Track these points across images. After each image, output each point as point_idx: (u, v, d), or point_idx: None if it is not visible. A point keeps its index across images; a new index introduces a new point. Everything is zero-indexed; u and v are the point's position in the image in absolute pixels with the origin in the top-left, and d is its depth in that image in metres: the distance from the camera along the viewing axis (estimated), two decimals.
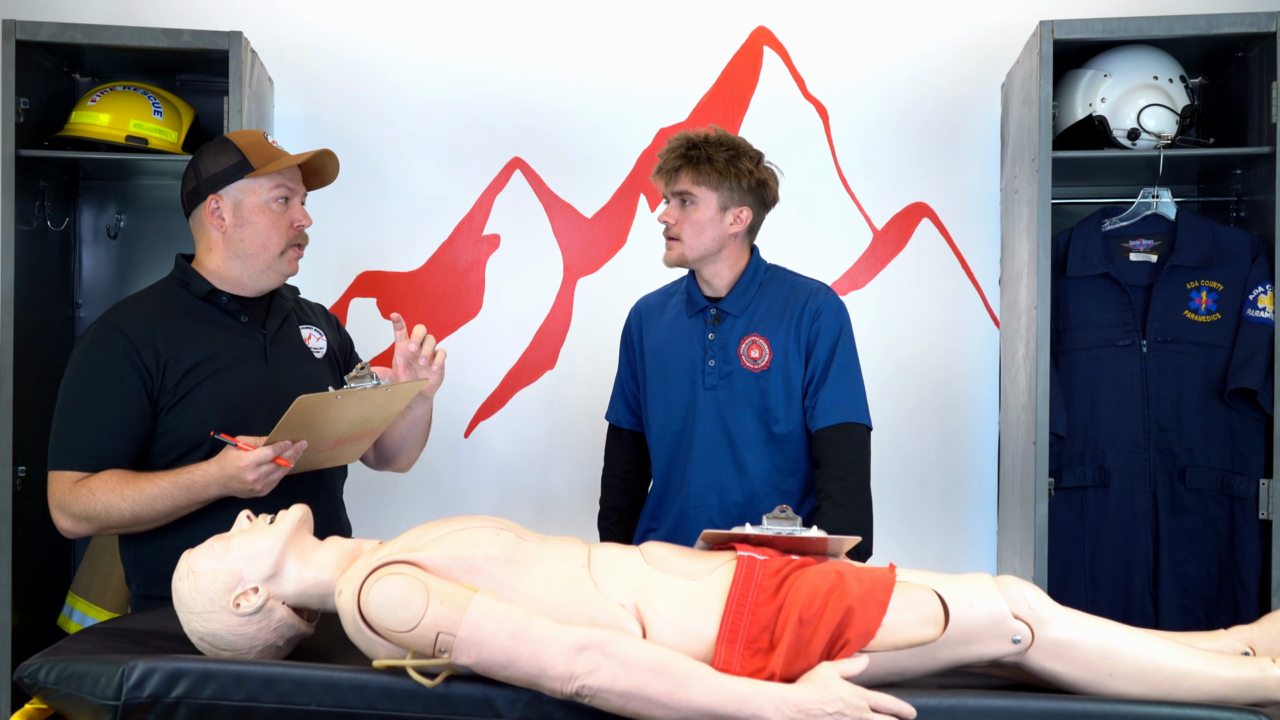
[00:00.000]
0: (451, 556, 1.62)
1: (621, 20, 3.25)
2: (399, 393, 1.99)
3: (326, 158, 2.15)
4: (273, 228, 2.08)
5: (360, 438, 2.06)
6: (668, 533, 2.34)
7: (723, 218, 2.29)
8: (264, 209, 2.07)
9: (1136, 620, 2.26)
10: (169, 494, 1.91)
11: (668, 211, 2.31)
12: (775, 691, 1.49)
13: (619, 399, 2.51)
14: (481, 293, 3.28)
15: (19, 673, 1.61)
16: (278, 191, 2.08)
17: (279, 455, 1.87)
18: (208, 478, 1.90)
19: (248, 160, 2.07)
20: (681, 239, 2.29)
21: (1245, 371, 2.67)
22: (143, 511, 1.92)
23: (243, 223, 2.07)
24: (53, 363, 2.93)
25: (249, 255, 2.09)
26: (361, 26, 3.25)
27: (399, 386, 1.98)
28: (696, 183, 2.27)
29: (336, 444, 2.01)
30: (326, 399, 1.86)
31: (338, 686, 1.54)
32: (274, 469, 1.88)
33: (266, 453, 1.86)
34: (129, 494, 1.92)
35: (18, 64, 2.73)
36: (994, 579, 1.64)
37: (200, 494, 1.91)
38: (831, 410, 2.27)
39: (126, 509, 1.92)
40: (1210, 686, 1.57)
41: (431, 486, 3.20)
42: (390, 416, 2.07)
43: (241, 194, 2.07)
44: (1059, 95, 2.83)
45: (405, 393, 2.01)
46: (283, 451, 1.87)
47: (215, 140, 2.13)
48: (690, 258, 2.31)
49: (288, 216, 2.10)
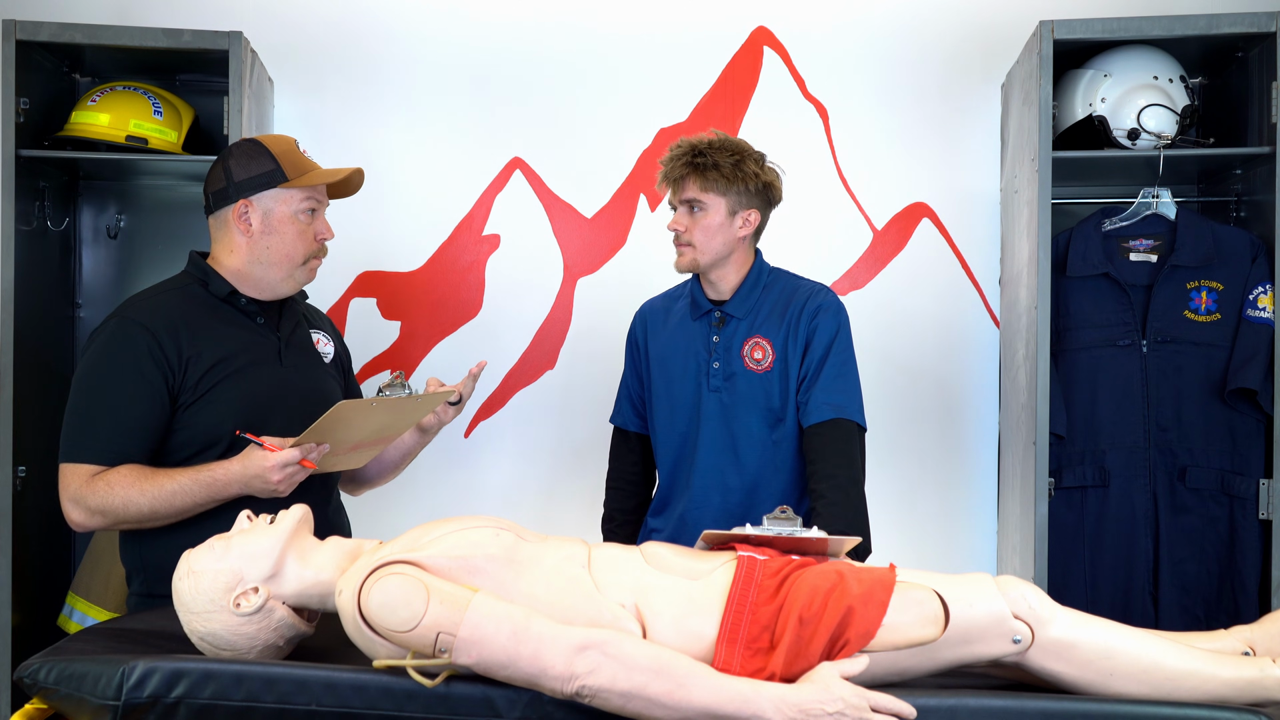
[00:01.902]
0: (452, 556, 1.62)
1: (621, 20, 3.25)
2: (427, 402, 2.05)
3: (356, 173, 2.17)
4: (299, 238, 2.10)
5: (375, 444, 2.09)
6: (671, 533, 2.35)
7: (732, 222, 2.30)
8: (293, 219, 2.09)
9: (1136, 620, 2.26)
10: (189, 490, 1.92)
11: (677, 219, 2.31)
12: (775, 691, 1.49)
13: (624, 401, 2.51)
14: (481, 293, 3.28)
15: (19, 673, 1.61)
16: (308, 204, 2.10)
17: (305, 457, 1.89)
18: (229, 475, 1.91)
19: (282, 169, 2.07)
20: (694, 245, 2.30)
21: (1245, 371, 2.67)
22: (161, 507, 1.93)
23: (270, 230, 2.08)
24: (53, 363, 2.94)
25: (272, 263, 2.10)
26: (361, 26, 3.25)
27: (429, 397, 2.04)
28: (705, 189, 2.27)
29: (352, 449, 2.03)
30: (363, 405, 1.91)
31: (338, 686, 1.54)
32: (299, 470, 1.90)
33: (294, 454, 1.88)
34: (148, 489, 1.92)
35: (18, 64, 2.73)
36: (994, 579, 1.64)
37: (221, 491, 1.92)
38: (823, 406, 2.27)
39: (145, 504, 1.92)
40: (1210, 686, 1.58)
41: (431, 487, 3.20)
42: (407, 426, 2.12)
43: (273, 203, 2.08)
44: (1059, 95, 2.83)
45: (431, 403, 2.07)
46: (309, 454, 1.89)
47: (246, 142, 2.12)
48: (703, 263, 2.32)
49: (313, 228, 2.12)
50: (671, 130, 3.23)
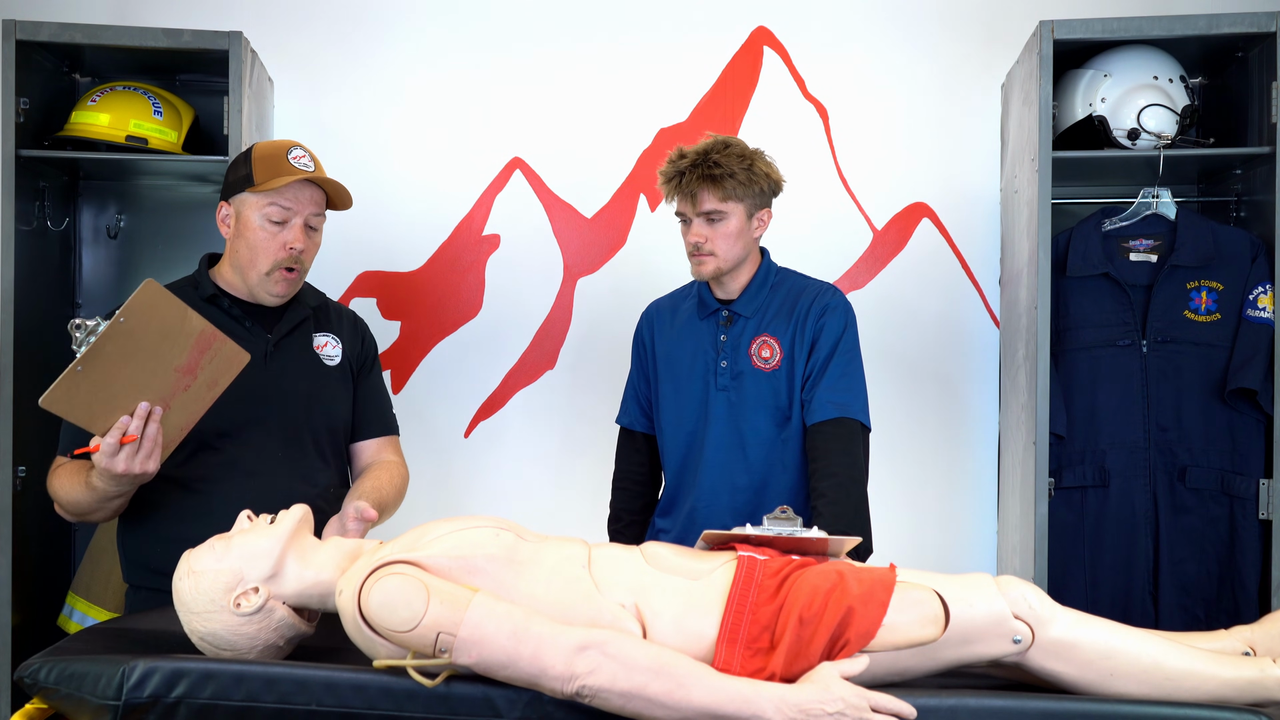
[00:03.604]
0: (452, 556, 1.62)
1: (621, 20, 3.25)
2: (138, 308, 1.80)
3: (330, 184, 2.11)
4: (261, 246, 2.09)
5: (200, 353, 1.88)
6: (679, 533, 2.35)
7: (750, 225, 2.31)
8: (259, 226, 2.08)
9: (1136, 620, 2.26)
10: (82, 493, 1.95)
11: (696, 231, 2.29)
12: (776, 691, 1.49)
13: (631, 402, 2.51)
14: (481, 293, 3.28)
15: (19, 673, 1.61)
16: (270, 210, 2.07)
17: (123, 435, 1.83)
18: (101, 481, 1.90)
19: (252, 174, 2.08)
20: (716, 253, 2.30)
21: (1245, 371, 2.67)
22: (70, 504, 1.99)
23: (239, 234, 2.10)
24: (53, 363, 2.92)
25: (242, 267, 2.12)
26: (361, 26, 3.25)
27: (128, 306, 1.80)
28: (724, 199, 2.27)
29: (186, 373, 1.86)
30: (69, 378, 1.77)
31: (338, 686, 1.54)
32: (133, 447, 1.83)
33: (108, 440, 1.83)
34: (66, 485, 1.99)
35: (18, 64, 2.73)
36: (994, 579, 1.64)
37: (102, 495, 1.93)
38: (827, 404, 2.27)
39: (65, 498, 1.99)
40: (1210, 686, 1.57)
41: (431, 487, 3.19)
42: (181, 320, 1.86)
43: (243, 206, 2.09)
44: (1059, 95, 2.83)
45: (144, 302, 1.82)
46: (125, 429, 1.83)
47: (249, 147, 2.15)
48: (725, 269, 2.32)
49: (280, 238, 2.08)
50: (671, 130, 3.23)
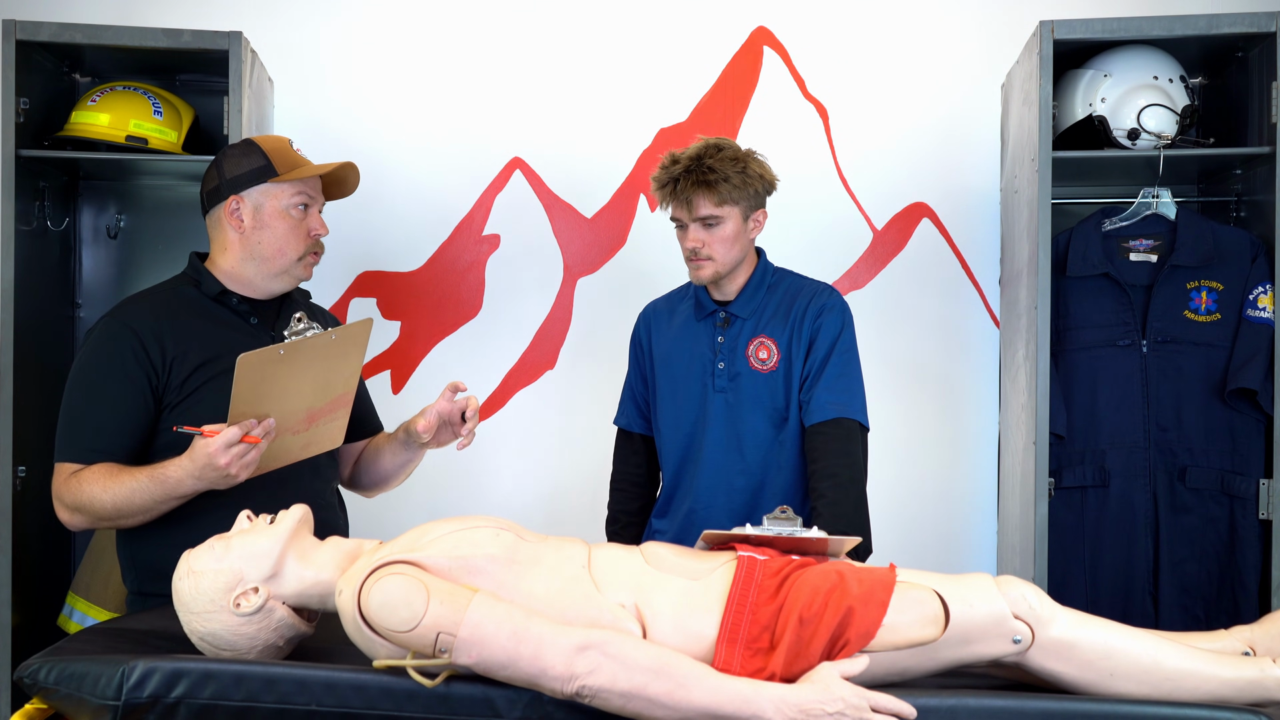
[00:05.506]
0: (452, 556, 1.62)
1: (621, 20, 3.25)
2: (348, 338, 1.92)
3: (349, 169, 2.17)
4: (291, 234, 2.09)
5: (331, 410, 1.99)
6: (676, 533, 2.35)
7: (746, 227, 2.31)
8: (284, 214, 2.09)
9: (1136, 620, 2.26)
10: (146, 489, 1.89)
11: (693, 237, 2.29)
12: (776, 692, 1.49)
13: (629, 403, 2.51)
14: (481, 293, 3.28)
15: (19, 673, 1.61)
16: (299, 199, 2.09)
17: (247, 434, 1.82)
18: (181, 471, 1.87)
19: (272, 165, 2.08)
20: (714, 258, 2.30)
21: (1245, 371, 2.67)
22: (123, 505, 1.91)
23: (261, 226, 2.09)
24: (53, 363, 2.93)
25: (265, 259, 2.10)
26: (361, 26, 3.26)
27: (345, 330, 1.92)
28: (720, 203, 2.26)
29: (308, 421, 1.95)
30: (270, 354, 1.79)
31: (338, 686, 1.54)
32: (246, 449, 1.83)
33: (234, 432, 1.81)
34: (111, 487, 1.91)
35: (18, 64, 2.72)
36: (994, 579, 1.64)
37: (175, 488, 1.89)
38: (826, 405, 2.27)
39: (108, 502, 1.91)
40: (1210, 686, 1.57)
41: (431, 487, 3.19)
42: (352, 375, 1.99)
43: (263, 198, 2.08)
44: (1059, 95, 2.83)
45: (354, 336, 1.95)
46: (250, 429, 1.82)
47: (241, 142, 2.14)
48: (724, 272, 2.32)
49: (306, 224, 2.11)
50: (671, 130, 3.23)
